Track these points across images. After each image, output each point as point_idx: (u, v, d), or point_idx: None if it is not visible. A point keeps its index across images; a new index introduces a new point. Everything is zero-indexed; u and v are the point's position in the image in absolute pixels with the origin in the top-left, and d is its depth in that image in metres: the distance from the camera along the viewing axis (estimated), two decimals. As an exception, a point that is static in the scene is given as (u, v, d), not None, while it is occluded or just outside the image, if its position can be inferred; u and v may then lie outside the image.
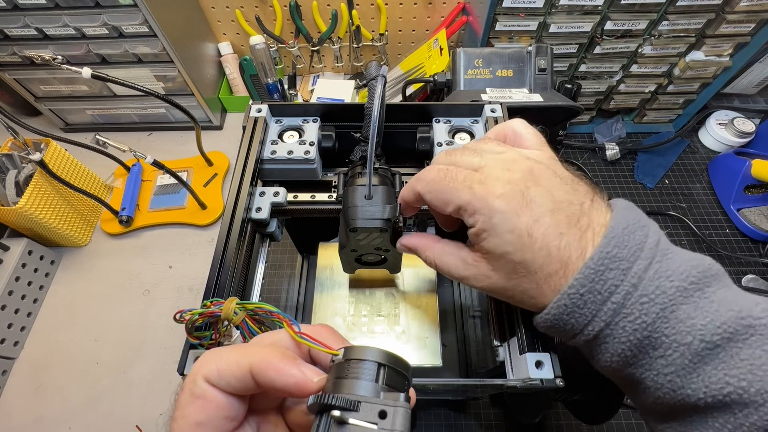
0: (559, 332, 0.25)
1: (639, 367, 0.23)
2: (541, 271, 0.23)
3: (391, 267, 0.40)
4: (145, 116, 0.90)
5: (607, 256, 0.22)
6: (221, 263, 0.32)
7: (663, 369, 0.22)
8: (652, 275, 0.22)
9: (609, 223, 0.23)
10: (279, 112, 0.41)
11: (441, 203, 0.26)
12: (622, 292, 0.22)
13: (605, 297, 0.22)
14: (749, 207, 0.74)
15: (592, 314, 0.22)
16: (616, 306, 0.22)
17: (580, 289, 0.22)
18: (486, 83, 0.62)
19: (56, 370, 0.65)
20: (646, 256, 0.22)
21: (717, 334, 0.20)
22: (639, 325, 0.21)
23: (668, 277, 0.22)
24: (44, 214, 0.68)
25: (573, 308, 0.23)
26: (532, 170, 0.25)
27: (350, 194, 0.33)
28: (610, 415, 0.36)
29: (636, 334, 0.22)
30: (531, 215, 0.23)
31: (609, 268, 0.22)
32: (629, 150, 0.83)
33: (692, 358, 0.21)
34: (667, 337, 0.21)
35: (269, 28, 0.87)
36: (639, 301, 0.21)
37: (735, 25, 0.65)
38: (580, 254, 0.23)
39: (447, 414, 0.58)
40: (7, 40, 0.73)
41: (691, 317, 0.21)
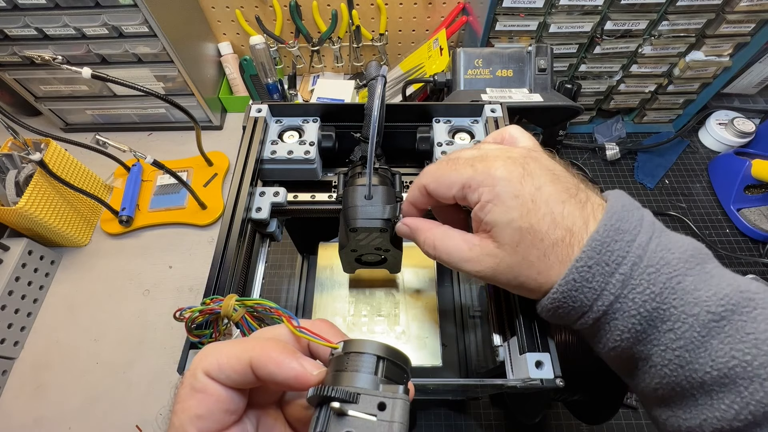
0: (566, 313, 0.24)
1: (647, 344, 0.22)
2: (547, 237, 0.23)
3: (391, 267, 0.40)
4: (145, 116, 0.90)
5: (612, 228, 0.22)
6: (221, 263, 0.32)
7: (672, 343, 0.21)
8: (654, 248, 0.22)
9: (606, 203, 0.24)
10: (279, 112, 0.41)
11: (445, 188, 0.26)
12: (629, 263, 0.22)
13: (613, 268, 0.22)
14: (749, 207, 0.74)
15: (600, 288, 0.22)
16: (624, 277, 0.22)
17: (588, 262, 0.22)
18: (486, 83, 0.62)
19: (56, 370, 0.65)
20: (646, 230, 0.23)
21: (721, 305, 0.21)
22: (648, 296, 0.21)
23: (669, 250, 0.22)
24: (44, 214, 0.68)
25: (581, 282, 0.22)
26: (530, 153, 0.26)
27: (350, 194, 0.33)
28: (610, 415, 0.37)
29: (646, 306, 0.22)
30: (533, 183, 0.24)
31: (614, 239, 0.22)
32: (629, 150, 0.83)
33: (700, 331, 0.21)
34: (675, 309, 0.21)
35: (269, 28, 0.87)
36: (646, 271, 0.22)
37: (735, 25, 0.65)
38: (582, 224, 0.23)
39: (447, 414, 0.58)
40: (7, 40, 0.73)
41: (697, 288, 0.21)
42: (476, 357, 0.55)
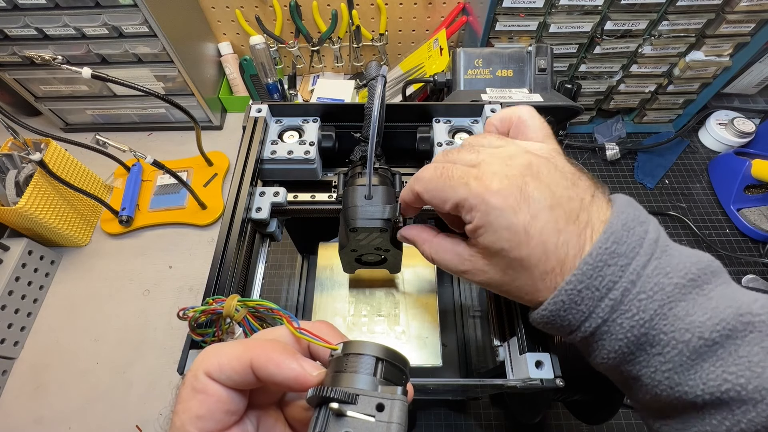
0: (556, 329, 0.24)
1: (636, 365, 0.22)
2: (537, 268, 0.23)
3: (391, 267, 0.40)
4: (145, 116, 0.90)
5: (606, 252, 0.22)
6: (221, 263, 0.32)
7: (661, 366, 0.21)
8: (650, 272, 0.22)
9: (608, 219, 0.23)
10: (279, 112, 0.41)
11: (439, 201, 0.26)
12: (620, 289, 0.22)
13: (603, 293, 0.22)
14: (749, 207, 0.74)
15: (589, 310, 0.22)
16: (613, 303, 0.22)
17: (577, 285, 0.22)
18: (486, 83, 0.62)
19: (56, 370, 0.65)
20: (645, 252, 0.22)
21: (716, 332, 0.20)
22: (636, 322, 0.21)
23: (667, 274, 0.22)
24: (44, 214, 0.68)
25: (570, 305, 0.23)
26: (530, 164, 0.24)
27: (350, 194, 0.33)
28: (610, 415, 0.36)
29: (633, 331, 0.22)
30: (528, 212, 0.23)
31: (607, 264, 0.22)
32: (629, 150, 0.83)
33: (690, 355, 0.21)
34: (665, 335, 0.21)
35: (269, 28, 0.87)
36: (637, 297, 0.21)
37: (735, 25, 0.65)
38: (577, 252, 0.23)
39: (447, 414, 0.58)
40: (7, 40, 0.73)
41: (690, 314, 0.21)
42: (476, 357, 0.55)
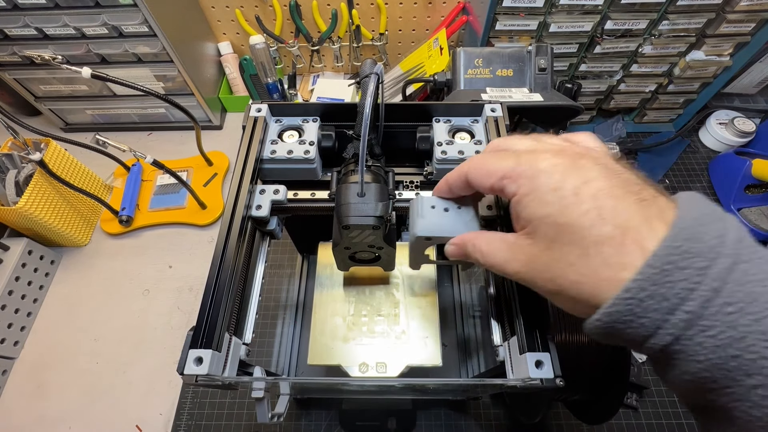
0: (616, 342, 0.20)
1: (725, 396, 0.18)
2: (590, 234, 0.19)
3: (385, 265, 0.40)
4: (145, 116, 0.90)
5: (676, 250, 0.17)
6: (221, 262, 0.32)
7: (762, 401, 0.16)
8: (738, 278, 0.17)
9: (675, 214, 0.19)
10: (279, 111, 0.41)
11: (484, 175, 0.24)
12: (699, 299, 0.17)
13: (675, 304, 0.17)
14: (750, 207, 0.74)
15: (656, 325, 0.18)
16: (690, 316, 0.17)
17: (638, 293, 0.18)
18: (486, 83, 0.62)
19: (56, 370, 0.65)
20: (728, 253, 0.17)
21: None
22: (723, 341, 0.17)
23: (760, 281, 0.17)
24: (44, 214, 0.68)
25: (630, 317, 0.18)
26: (589, 151, 0.23)
27: (343, 191, 0.33)
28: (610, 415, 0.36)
29: (720, 353, 0.17)
30: (580, 177, 0.20)
31: (679, 267, 0.17)
32: (629, 150, 0.83)
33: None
34: (767, 360, 0.16)
35: (269, 27, 0.87)
36: (723, 310, 0.17)
37: (735, 25, 0.65)
38: (642, 221, 0.19)
39: (447, 414, 0.58)
40: (7, 40, 0.73)
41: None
42: (476, 357, 0.55)
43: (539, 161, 0.22)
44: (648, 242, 0.18)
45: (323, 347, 0.43)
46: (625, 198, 0.19)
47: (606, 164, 0.21)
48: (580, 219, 0.20)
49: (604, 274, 0.19)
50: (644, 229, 0.18)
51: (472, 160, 0.26)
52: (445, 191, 0.29)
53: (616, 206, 0.19)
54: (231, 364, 0.30)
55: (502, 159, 0.24)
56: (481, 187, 0.25)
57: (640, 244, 0.18)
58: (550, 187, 0.21)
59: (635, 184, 0.20)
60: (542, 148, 0.23)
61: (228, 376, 0.29)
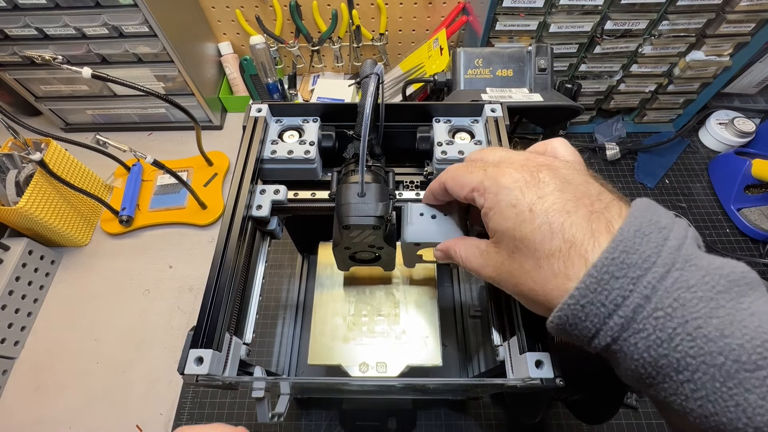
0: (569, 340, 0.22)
1: (662, 390, 0.20)
2: (542, 248, 0.22)
3: (386, 265, 0.40)
4: (145, 116, 0.90)
5: (613, 262, 0.19)
6: (221, 263, 0.32)
7: (692, 394, 0.18)
8: (669, 285, 0.19)
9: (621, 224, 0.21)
10: (279, 111, 0.41)
11: (458, 187, 0.27)
12: (632, 305, 0.19)
13: (611, 310, 0.19)
14: (749, 207, 0.74)
15: (596, 327, 0.20)
16: (624, 321, 0.19)
17: (580, 300, 0.20)
18: (486, 83, 0.62)
19: (56, 370, 0.65)
20: (663, 263, 0.19)
21: (757, 354, 0.17)
22: (653, 342, 0.19)
23: (689, 288, 0.19)
24: (44, 214, 0.68)
25: (575, 320, 0.21)
26: (551, 162, 0.25)
27: (343, 191, 0.33)
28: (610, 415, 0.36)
29: (651, 352, 0.19)
30: (536, 193, 0.23)
31: (615, 276, 0.19)
32: (629, 150, 0.83)
33: (725, 381, 0.17)
34: (693, 359, 0.18)
35: (269, 28, 0.87)
36: (653, 315, 0.19)
37: (735, 25, 0.65)
38: (588, 235, 0.21)
39: (447, 414, 0.58)
40: (7, 40, 0.73)
41: (725, 335, 0.18)
42: (476, 357, 0.55)
43: (502, 177, 0.24)
44: (591, 255, 0.20)
45: (323, 347, 0.43)
46: (576, 212, 0.22)
47: (564, 176, 0.23)
48: (533, 234, 0.22)
49: (553, 283, 0.21)
50: (589, 243, 0.21)
51: (449, 170, 0.28)
52: (430, 199, 0.32)
53: (565, 221, 0.21)
54: (231, 364, 0.30)
55: (472, 172, 0.26)
56: (457, 196, 0.28)
57: (583, 257, 0.21)
58: (510, 203, 0.23)
59: (588, 197, 0.22)
60: (508, 161, 0.26)
61: (228, 376, 0.29)
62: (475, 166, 0.26)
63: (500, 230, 0.24)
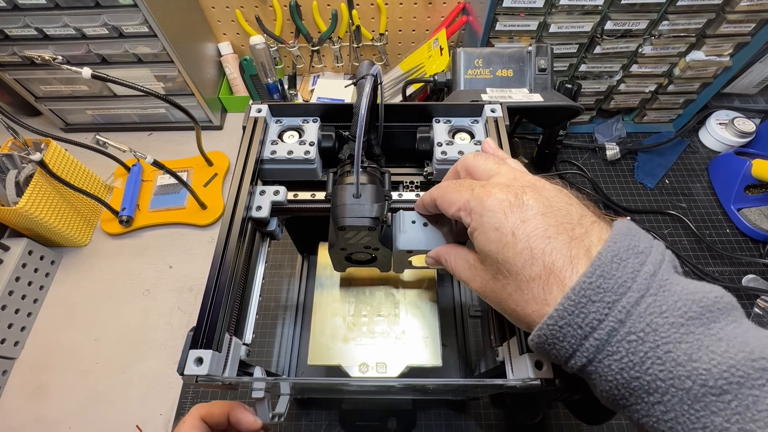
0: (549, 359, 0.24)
1: (635, 412, 0.20)
2: (523, 273, 0.22)
3: (382, 266, 0.40)
4: (145, 116, 0.90)
5: (590, 286, 0.20)
6: (221, 263, 0.32)
7: (662, 416, 0.19)
8: (642, 310, 0.20)
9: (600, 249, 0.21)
10: (279, 112, 0.41)
11: (447, 204, 0.27)
12: (606, 329, 0.20)
13: (586, 332, 0.20)
14: (749, 207, 0.74)
15: (573, 348, 0.21)
16: (599, 343, 0.20)
17: (558, 321, 0.21)
18: (486, 83, 0.62)
19: (56, 370, 0.65)
20: (638, 288, 0.20)
21: (722, 379, 0.18)
22: (626, 364, 0.20)
23: (662, 314, 0.19)
24: (44, 214, 0.68)
25: (553, 340, 0.21)
26: (536, 182, 0.25)
27: (338, 192, 0.33)
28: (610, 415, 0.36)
29: (623, 374, 0.20)
30: (520, 216, 0.23)
31: (591, 300, 0.20)
32: (629, 150, 0.83)
33: (693, 405, 0.18)
34: (663, 381, 0.19)
35: (269, 28, 0.87)
36: (626, 338, 0.20)
37: (735, 25, 0.65)
38: (567, 262, 0.22)
39: (447, 414, 0.58)
40: (7, 40, 0.73)
41: (693, 360, 0.19)
42: (476, 357, 0.55)
43: (488, 198, 0.24)
44: (568, 281, 0.21)
45: (323, 347, 0.43)
46: (556, 237, 0.22)
47: (548, 198, 0.24)
48: (515, 258, 0.23)
49: (533, 307, 0.22)
50: (567, 270, 0.21)
51: (440, 187, 0.29)
52: (422, 209, 0.33)
53: (546, 247, 0.22)
54: (231, 364, 0.30)
55: (460, 191, 0.27)
56: (446, 213, 0.28)
57: (561, 283, 0.21)
58: (493, 226, 0.24)
59: (569, 222, 0.23)
60: (495, 180, 0.26)
61: (228, 377, 0.29)
62: (463, 186, 0.27)
63: (485, 252, 0.25)
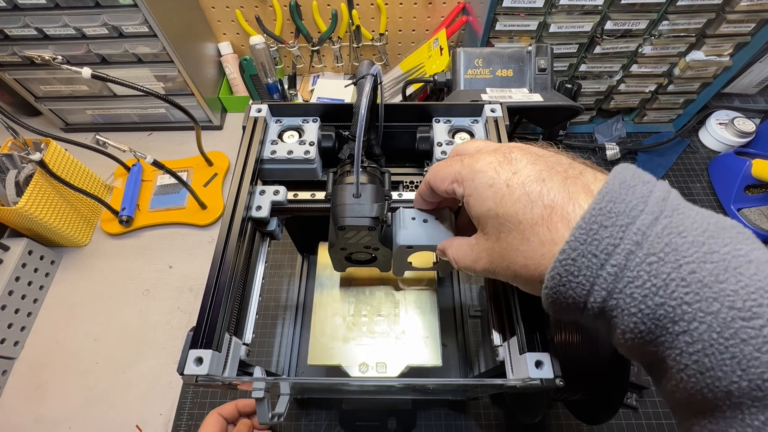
0: (564, 310, 0.21)
1: (659, 345, 0.19)
2: (525, 219, 0.22)
3: (382, 266, 0.40)
4: (145, 116, 0.90)
5: (601, 212, 0.19)
6: (221, 263, 0.32)
7: (687, 347, 0.17)
8: (659, 231, 0.18)
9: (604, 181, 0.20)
10: (279, 112, 0.41)
11: (440, 181, 0.27)
12: (623, 252, 0.18)
13: (603, 260, 0.19)
14: (749, 207, 0.74)
15: (590, 282, 0.19)
16: (616, 269, 0.19)
17: (571, 254, 0.19)
18: (486, 83, 0.62)
19: (56, 370, 0.65)
20: (650, 210, 0.19)
21: (752, 300, 0.16)
22: (649, 290, 0.18)
23: (680, 233, 0.18)
24: (44, 214, 0.68)
25: (568, 277, 0.20)
26: (522, 144, 0.25)
27: (338, 192, 0.33)
28: (610, 415, 0.36)
29: (647, 302, 0.18)
30: (510, 169, 0.23)
31: (603, 225, 0.19)
32: (629, 150, 0.83)
33: (721, 332, 0.17)
34: (689, 305, 0.17)
35: (269, 28, 0.87)
36: (646, 261, 0.18)
37: (735, 25, 0.65)
38: (566, 198, 0.21)
39: (447, 414, 0.58)
40: (7, 40, 0.73)
41: (719, 281, 0.17)
42: (476, 357, 0.55)
43: (477, 163, 0.24)
44: (572, 215, 0.20)
45: (323, 347, 0.43)
46: (551, 179, 0.22)
47: (535, 152, 0.24)
48: (514, 207, 0.22)
49: (541, 252, 0.21)
50: (568, 205, 0.21)
51: (432, 168, 0.29)
52: (420, 201, 0.33)
53: (542, 189, 0.21)
54: (231, 364, 0.30)
55: (451, 165, 0.26)
56: (439, 190, 0.28)
57: (565, 218, 0.20)
58: (486, 184, 0.23)
59: (561, 165, 0.23)
60: (484, 149, 0.26)
61: (228, 377, 0.29)
62: (453, 160, 0.27)
63: (482, 213, 0.24)
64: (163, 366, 0.65)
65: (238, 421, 0.43)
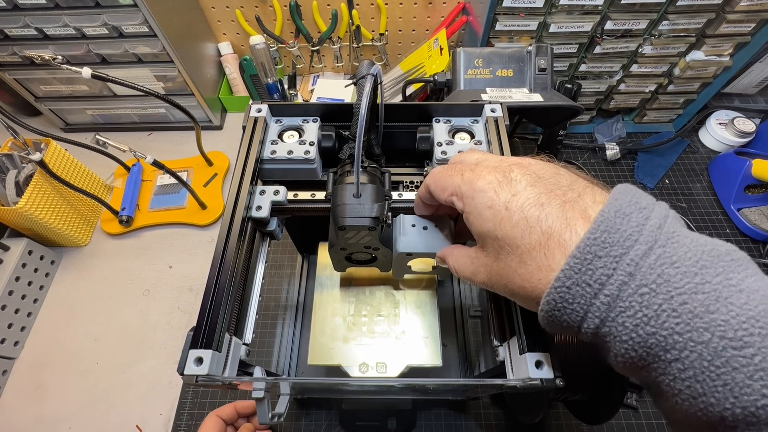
0: (562, 330, 0.22)
1: (652, 371, 0.19)
2: (522, 243, 0.22)
3: (382, 266, 0.40)
4: (145, 116, 0.90)
5: (595, 242, 0.19)
6: (221, 263, 0.32)
7: (680, 374, 0.18)
8: (652, 262, 0.19)
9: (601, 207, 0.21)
10: (279, 112, 0.41)
11: (440, 191, 0.27)
12: (616, 283, 0.19)
13: (596, 289, 0.19)
14: (749, 207, 0.74)
15: (584, 310, 0.20)
16: (609, 299, 0.19)
17: (566, 282, 0.20)
18: (486, 83, 0.62)
19: (56, 370, 0.65)
20: (644, 240, 0.19)
21: (743, 330, 0.17)
22: (641, 320, 0.18)
23: (673, 264, 0.18)
24: (44, 214, 0.68)
25: (563, 303, 0.20)
26: (521, 162, 0.25)
27: (338, 192, 0.33)
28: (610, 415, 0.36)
29: (639, 331, 0.19)
30: (510, 191, 0.23)
31: (597, 255, 0.19)
32: (629, 150, 0.83)
33: (713, 360, 0.17)
34: (680, 335, 0.18)
35: (269, 28, 0.87)
36: (637, 292, 0.19)
37: (735, 25, 0.65)
38: (564, 225, 0.21)
39: (447, 414, 0.58)
40: (7, 40, 0.73)
41: (710, 311, 0.17)
42: (476, 357, 0.55)
43: (477, 180, 0.25)
44: (569, 242, 0.21)
45: (323, 347, 0.43)
46: (549, 203, 0.22)
47: (535, 172, 0.24)
48: (513, 231, 0.22)
49: (538, 276, 0.22)
50: (565, 232, 0.21)
51: (432, 172, 0.29)
52: (419, 205, 0.33)
53: (540, 214, 0.22)
54: (231, 364, 0.30)
55: (451, 176, 0.27)
56: (439, 198, 0.28)
57: (562, 246, 0.21)
58: (486, 205, 0.24)
59: (560, 188, 0.23)
60: (484, 163, 0.26)
61: (228, 377, 0.29)
62: (454, 170, 0.27)
63: (482, 232, 0.24)
64: (163, 366, 0.65)
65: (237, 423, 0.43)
